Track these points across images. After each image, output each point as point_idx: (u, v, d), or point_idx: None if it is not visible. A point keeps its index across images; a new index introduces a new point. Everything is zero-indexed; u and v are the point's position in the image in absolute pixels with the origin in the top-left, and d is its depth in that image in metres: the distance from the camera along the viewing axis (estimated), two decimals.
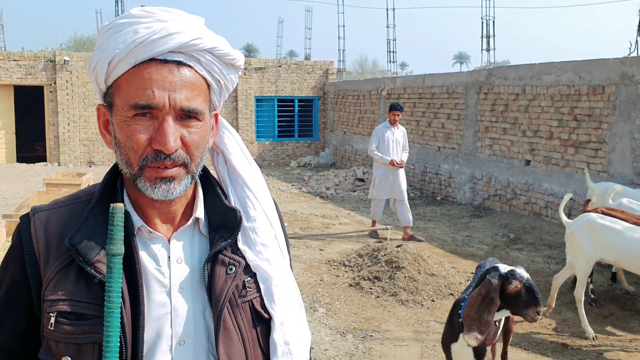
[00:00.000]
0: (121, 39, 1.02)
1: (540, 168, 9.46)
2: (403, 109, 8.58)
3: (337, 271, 6.69)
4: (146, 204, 1.10)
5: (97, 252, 1.03)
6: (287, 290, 1.16)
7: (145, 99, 1.00)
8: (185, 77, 1.04)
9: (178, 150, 1.03)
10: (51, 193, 7.21)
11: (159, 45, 1.01)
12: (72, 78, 16.36)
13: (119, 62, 1.02)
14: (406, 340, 4.87)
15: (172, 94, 1.01)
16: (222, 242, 1.10)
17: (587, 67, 8.58)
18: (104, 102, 1.10)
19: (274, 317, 1.12)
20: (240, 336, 1.09)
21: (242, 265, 1.12)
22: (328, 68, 18.78)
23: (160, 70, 1.02)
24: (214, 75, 1.09)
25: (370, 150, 8.39)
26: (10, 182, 13.26)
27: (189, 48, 1.04)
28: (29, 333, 1.07)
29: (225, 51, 1.09)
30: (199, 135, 1.06)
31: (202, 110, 1.06)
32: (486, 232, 8.95)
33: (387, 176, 8.35)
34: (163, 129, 1.01)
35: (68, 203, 1.12)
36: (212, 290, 1.07)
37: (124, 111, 1.03)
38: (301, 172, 16.03)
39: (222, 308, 1.07)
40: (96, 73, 1.06)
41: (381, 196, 8.40)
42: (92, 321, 1.01)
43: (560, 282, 5.43)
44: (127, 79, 1.03)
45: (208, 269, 1.09)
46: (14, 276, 1.07)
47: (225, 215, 1.13)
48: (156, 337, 1.05)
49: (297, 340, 1.15)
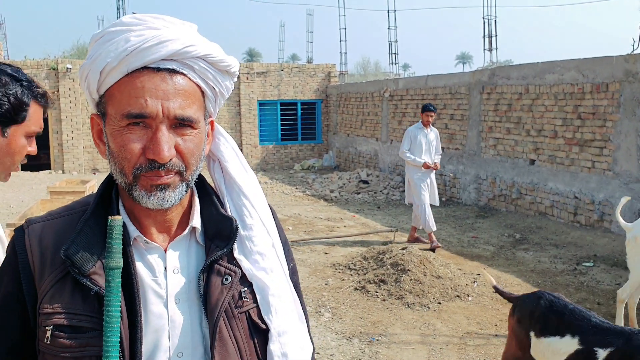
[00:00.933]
0: (112, 47, 0.99)
1: (545, 167, 9.42)
2: (436, 110, 8.17)
3: (343, 275, 6.66)
4: (142, 213, 1.08)
5: (93, 263, 1.01)
6: (285, 300, 1.14)
7: (138, 108, 0.98)
8: (179, 85, 1.01)
9: (173, 159, 1.01)
10: (55, 201, 7.20)
11: (151, 54, 0.99)
12: (74, 86, 16.40)
13: (111, 71, 1.00)
14: (413, 344, 4.84)
15: (166, 102, 0.99)
16: (217, 251, 1.08)
17: (590, 65, 8.53)
18: (97, 112, 1.08)
19: (271, 328, 1.10)
20: (237, 347, 1.06)
21: (238, 275, 1.09)
22: (330, 71, 18.77)
23: (153, 79, 0.99)
24: (208, 82, 1.07)
25: (402, 152, 8.04)
26: (14, 190, 13.29)
27: (182, 55, 1.01)
28: (24, 348, 1.05)
29: (219, 58, 1.07)
30: (193, 143, 1.04)
31: (196, 118, 1.03)
32: (492, 232, 8.90)
33: (424, 179, 8.01)
34: (157, 138, 0.99)
35: (63, 214, 1.10)
36: (208, 301, 1.05)
37: (117, 121, 1.00)
38: (305, 175, 16.01)
39: (217, 319, 1.04)
40: (88, 82, 1.04)
41: (425, 200, 7.99)
42: (89, 334, 0.99)
43: (626, 299, 4.85)
44: (120, 88, 1.00)
45: (204, 279, 1.07)
46: (9, 289, 1.05)
47: (221, 224, 1.11)
48: (154, 349, 1.03)
49: (296, 352, 1.12)
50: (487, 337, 4.95)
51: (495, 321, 5.28)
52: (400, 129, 13.90)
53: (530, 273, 6.75)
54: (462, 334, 5.02)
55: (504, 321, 5.27)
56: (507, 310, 5.49)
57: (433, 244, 7.76)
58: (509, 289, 6.18)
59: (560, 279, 6.52)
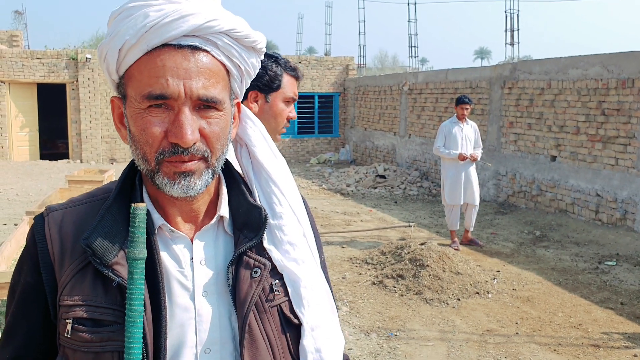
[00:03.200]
0: (131, 23, 0.93)
1: (567, 164, 9.25)
2: (472, 102, 7.67)
3: (360, 269, 6.59)
4: (167, 201, 1.01)
5: (115, 253, 0.95)
6: (317, 293, 1.07)
7: (158, 88, 0.91)
8: (202, 63, 0.94)
9: (197, 143, 0.94)
10: (74, 190, 7.22)
11: (171, 29, 0.91)
12: (93, 75, 16.47)
13: (130, 49, 0.93)
14: (432, 340, 4.76)
15: (188, 82, 0.92)
16: (246, 242, 1.02)
17: (616, 60, 8.35)
18: (117, 94, 1.02)
19: (304, 322, 1.03)
20: (268, 344, 1.00)
21: (268, 268, 1.03)
22: (348, 64, 18.65)
23: (174, 57, 0.92)
24: (233, 60, 0.99)
25: (436, 148, 7.55)
26: (33, 179, 13.40)
27: (205, 31, 0.94)
28: (45, 341, 1.00)
29: (244, 33, 0.99)
30: (219, 126, 0.96)
31: (221, 99, 0.96)
32: (511, 229, 8.78)
33: (458, 177, 7.49)
34: (179, 120, 0.92)
35: (84, 201, 1.04)
36: (237, 295, 0.99)
37: (137, 102, 0.94)
38: (321, 169, 15.95)
39: (247, 314, 0.98)
40: (107, 62, 0.97)
41: (454, 201, 7.53)
42: (110, 328, 0.93)
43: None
44: (139, 68, 0.94)
45: (232, 272, 1.00)
46: (28, 280, 1.00)
47: (249, 214, 1.04)
48: (179, 345, 0.97)
49: (329, 347, 1.06)
50: (507, 335, 4.86)
51: (516, 319, 5.19)
52: (419, 123, 13.76)
53: (550, 271, 6.63)
54: (482, 331, 4.93)
55: (524, 319, 5.18)
56: (528, 308, 5.41)
57: (453, 245, 7.55)
58: (530, 286, 6.08)
59: (582, 277, 6.39)
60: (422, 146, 13.60)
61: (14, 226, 8.42)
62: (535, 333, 4.91)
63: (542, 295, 5.82)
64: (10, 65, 16.00)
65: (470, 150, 7.55)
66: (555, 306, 5.52)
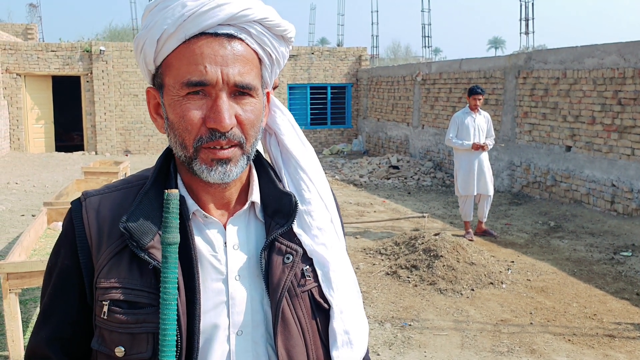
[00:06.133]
0: (169, 14, 0.96)
1: (582, 154, 9.19)
2: (485, 92, 7.65)
3: (374, 259, 6.62)
4: (200, 188, 1.05)
5: (152, 237, 0.98)
6: (345, 276, 1.11)
7: (197, 75, 0.95)
8: (237, 51, 0.98)
9: (233, 129, 0.98)
10: (89, 181, 7.29)
11: (208, 18, 0.96)
12: (107, 68, 16.58)
13: (168, 39, 0.97)
14: (446, 330, 4.79)
15: (225, 68, 0.96)
16: (277, 229, 1.05)
17: (633, 49, 8.26)
18: (153, 85, 1.05)
19: (333, 305, 1.07)
20: (300, 328, 1.04)
21: (300, 254, 1.06)
22: (361, 54, 18.60)
23: (211, 45, 0.96)
24: (266, 48, 1.03)
25: (448, 139, 7.51)
26: (49, 170, 13.55)
27: (239, 19, 0.98)
28: (81, 322, 1.04)
29: (275, 22, 1.03)
30: (253, 113, 1.00)
31: (255, 85, 1.00)
32: (525, 220, 8.76)
33: (471, 168, 7.46)
34: (217, 106, 0.96)
35: (120, 187, 1.08)
36: (270, 280, 1.02)
37: (175, 90, 0.98)
38: (334, 160, 15.96)
39: (280, 299, 1.01)
40: (144, 53, 1.01)
41: (467, 192, 7.49)
42: (146, 310, 0.97)
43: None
44: (178, 56, 0.98)
45: (265, 257, 1.04)
46: (65, 263, 1.03)
47: (280, 201, 1.08)
48: (213, 328, 1.00)
49: (357, 329, 1.09)
50: (521, 325, 4.87)
51: (530, 309, 5.19)
52: (432, 114, 13.72)
53: (565, 261, 6.62)
54: (496, 321, 4.95)
55: (538, 309, 5.19)
56: (542, 298, 5.41)
57: (467, 235, 7.54)
58: (544, 277, 6.07)
59: (597, 268, 6.38)
60: (435, 137, 13.56)
61: (31, 217, 8.55)
62: (549, 323, 4.92)
63: (556, 286, 5.81)
64: (26, 58, 16.15)
65: (482, 139, 7.55)
66: (569, 296, 5.52)
